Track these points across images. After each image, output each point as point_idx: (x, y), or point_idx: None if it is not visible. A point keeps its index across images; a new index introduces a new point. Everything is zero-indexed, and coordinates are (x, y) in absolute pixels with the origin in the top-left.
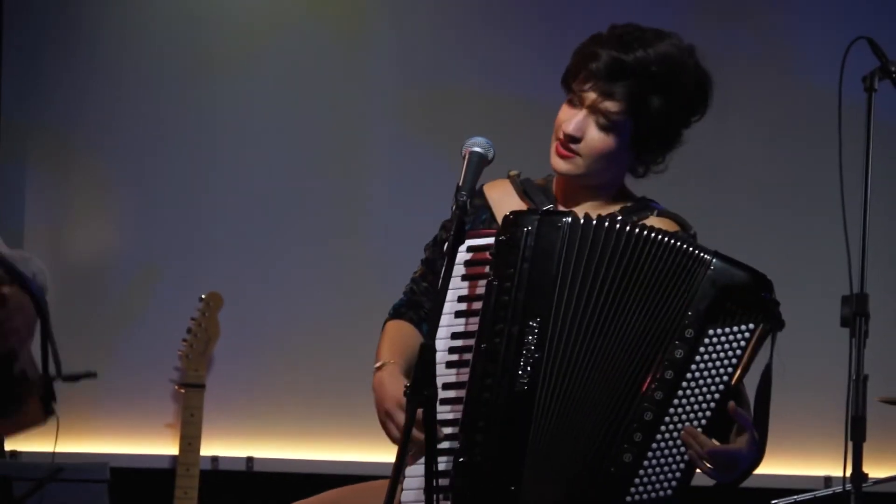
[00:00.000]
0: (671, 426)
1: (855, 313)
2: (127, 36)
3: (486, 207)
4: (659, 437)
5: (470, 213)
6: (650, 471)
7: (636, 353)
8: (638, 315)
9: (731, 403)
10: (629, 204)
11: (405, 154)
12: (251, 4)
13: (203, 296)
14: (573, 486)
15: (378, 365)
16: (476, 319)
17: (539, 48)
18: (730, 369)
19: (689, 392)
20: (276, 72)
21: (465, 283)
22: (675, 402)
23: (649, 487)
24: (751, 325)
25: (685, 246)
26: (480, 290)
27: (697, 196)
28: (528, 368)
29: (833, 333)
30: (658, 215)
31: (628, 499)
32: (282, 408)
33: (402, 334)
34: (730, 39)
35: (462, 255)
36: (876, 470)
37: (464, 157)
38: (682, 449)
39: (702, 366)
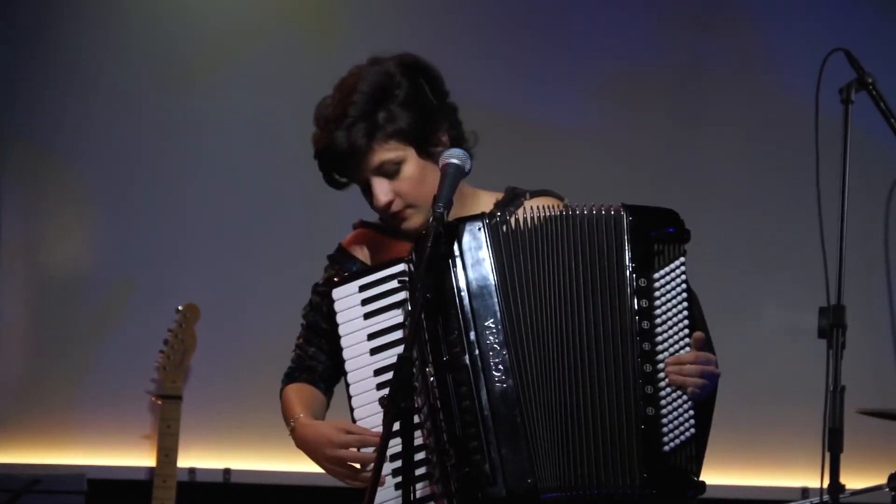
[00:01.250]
0: (665, 369)
1: (832, 324)
2: (103, 49)
3: (354, 260)
4: (661, 384)
5: (338, 270)
6: (670, 416)
7: (608, 318)
8: (589, 285)
9: (697, 333)
10: (499, 196)
11: None
12: (226, 17)
13: (180, 307)
14: (607, 459)
15: (291, 425)
16: (394, 350)
17: (513, 58)
18: (685, 302)
19: (665, 334)
20: (251, 82)
21: (369, 321)
22: (659, 347)
23: (676, 432)
24: (681, 259)
25: (596, 210)
26: (388, 322)
27: (675, 205)
28: (501, 367)
29: (810, 344)
30: (532, 196)
31: (666, 448)
32: (259, 419)
33: (302, 392)
34: (708, 49)
35: (356, 297)
36: (853, 481)
37: (441, 170)
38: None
39: (664, 307)
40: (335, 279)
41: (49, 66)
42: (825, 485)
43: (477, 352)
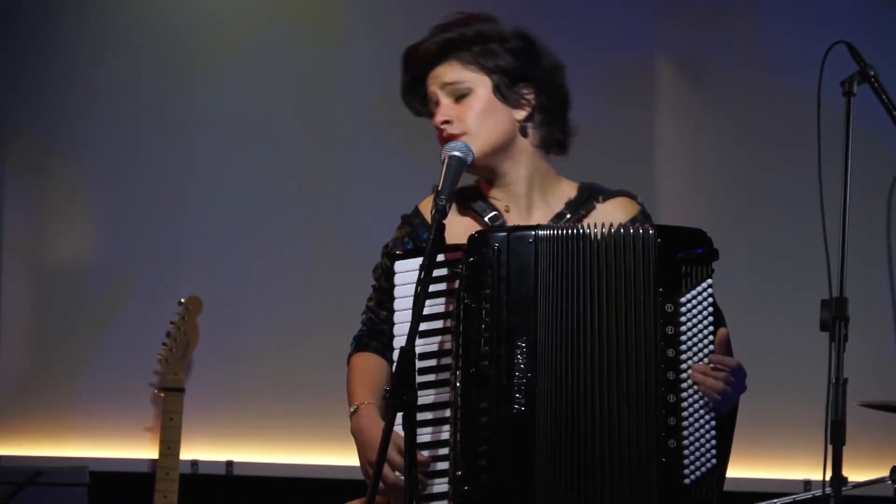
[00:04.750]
0: (689, 399)
1: (834, 317)
2: (105, 43)
3: (425, 223)
4: (685, 413)
5: (408, 232)
6: (692, 447)
7: (632, 346)
8: (618, 309)
9: (721, 331)
10: (572, 196)
11: (384, 157)
12: (229, 11)
13: (182, 300)
14: (623, 487)
15: (352, 409)
16: (438, 339)
17: None
18: (710, 327)
19: (690, 361)
20: (253, 76)
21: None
22: (683, 375)
23: (697, 463)
24: (708, 281)
25: (628, 230)
26: (438, 308)
27: (676, 199)
28: (523, 389)
29: (813, 337)
30: (605, 199)
31: (686, 482)
32: (261, 412)
33: (370, 369)
34: (709, 43)
35: (415, 274)
36: (855, 474)
37: (443, 162)
38: (707, 416)
39: (689, 333)
40: (398, 252)
41: (51, 60)
42: (827, 477)
43: (504, 369)
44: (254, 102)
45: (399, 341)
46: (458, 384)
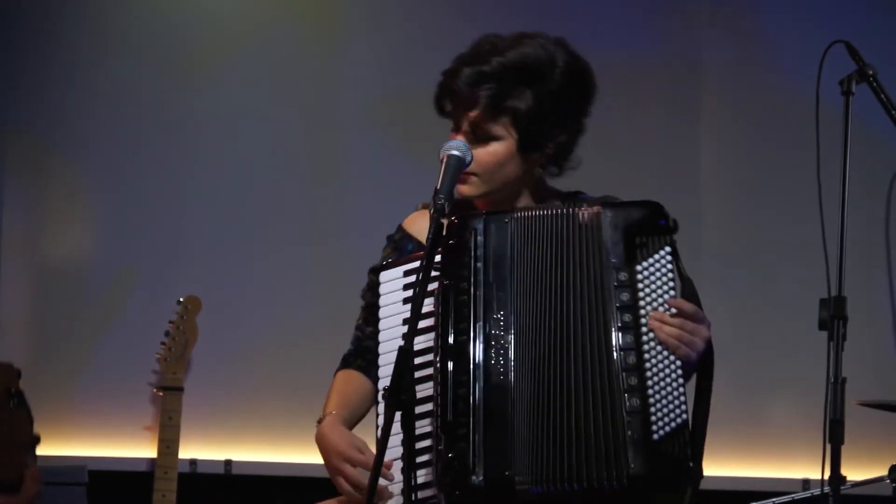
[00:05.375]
0: (653, 359)
1: (833, 316)
2: (104, 42)
3: (411, 239)
4: (648, 373)
5: (392, 250)
6: (659, 404)
7: (594, 315)
8: (579, 282)
9: (675, 301)
10: (556, 202)
11: (383, 157)
12: (229, 11)
13: (181, 299)
14: (595, 453)
15: (319, 418)
16: (424, 338)
17: None
18: (672, 291)
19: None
20: (253, 76)
21: (407, 306)
22: (644, 337)
23: (666, 419)
24: (666, 248)
25: (573, 209)
26: (425, 308)
27: (675, 198)
28: (502, 360)
29: (812, 336)
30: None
31: (655, 437)
32: (260, 411)
33: (348, 383)
34: (708, 43)
35: (401, 281)
36: (854, 473)
37: (441, 161)
38: (672, 372)
39: (648, 298)
40: (382, 262)
41: (51, 60)
42: (826, 476)
43: (482, 342)
44: (254, 102)
45: (385, 346)
46: (437, 362)
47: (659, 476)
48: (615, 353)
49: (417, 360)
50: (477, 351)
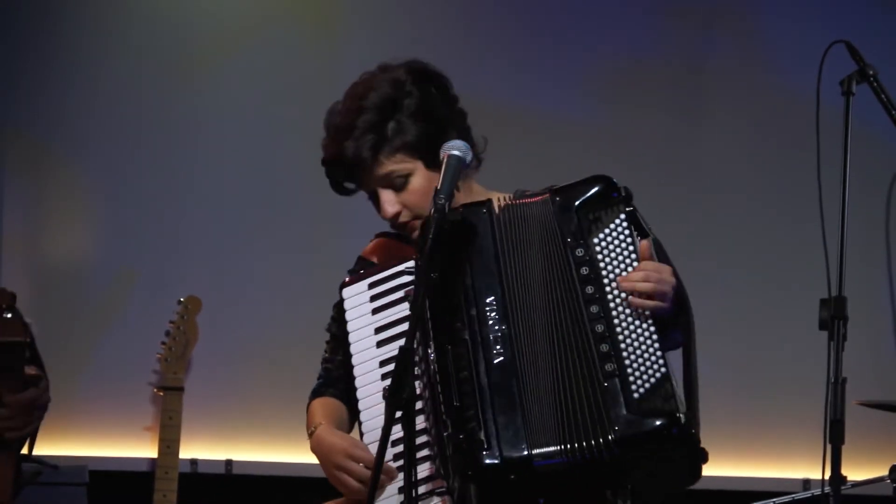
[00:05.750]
0: (622, 323)
1: (833, 316)
2: (104, 42)
3: (371, 264)
4: (620, 337)
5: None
6: (635, 364)
7: (561, 292)
8: (546, 265)
9: (642, 243)
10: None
11: None
12: (229, 11)
13: (182, 299)
14: (586, 421)
15: (310, 431)
16: (401, 342)
17: (512, 54)
18: (633, 254)
19: (614, 293)
20: (252, 75)
21: (377, 316)
22: (612, 305)
23: (645, 376)
24: (621, 216)
25: (526, 199)
26: (396, 315)
27: (675, 199)
28: (500, 341)
29: (812, 336)
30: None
31: (636, 395)
32: (261, 411)
33: (327, 406)
34: (708, 43)
35: (365, 294)
36: (854, 473)
37: (442, 161)
38: (644, 330)
39: (610, 266)
40: (345, 280)
41: (50, 60)
42: (826, 476)
43: (477, 327)
44: (254, 102)
45: (359, 357)
46: (430, 358)
47: (647, 431)
48: (585, 324)
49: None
50: (473, 335)
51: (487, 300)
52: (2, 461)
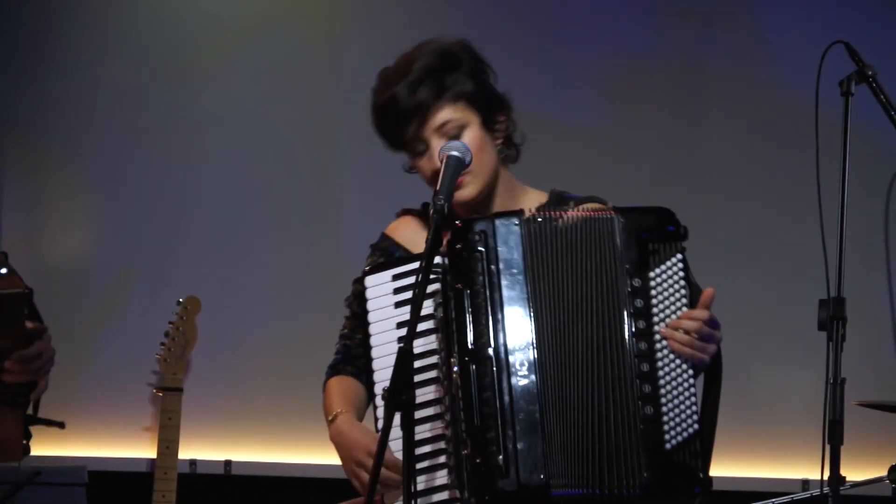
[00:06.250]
0: (666, 367)
1: (832, 317)
2: (104, 42)
3: (398, 246)
4: (661, 381)
5: (378, 257)
6: (672, 413)
7: (607, 320)
8: (593, 288)
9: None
10: (543, 202)
11: (382, 159)
12: (229, 11)
13: (181, 299)
14: (613, 458)
15: (331, 417)
16: (423, 341)
17: (512, 52)
18: (683, 299)
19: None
20: (251, 77)
21: (400, 310)
22: (657, 345)
23: (678, 429)
24: (678, 255)
25: (596, 214)
26: (423, 312)
27: (675, 198)
28: (525, 362)
29: (811, 337)
30: (577, 206)
31: (668, 446)
32: (260, 411)
33: (347, 387)
34: (707, 43)
35: (390, 285)
36: (853, 473)
37: (441, 161)
38: (685, 381)
39: (661, 305)
40: (367, 267)
41: (50, 59)
42: (825, 477)
43: (503, 345)
44: (253, 102)
45: (378, 351)
46: (454, 369)
47: (672, 484)
48: (630, 360)
49: (417, 364)
50: (500, 354)
51: (514, 319)
52: (10, 420)
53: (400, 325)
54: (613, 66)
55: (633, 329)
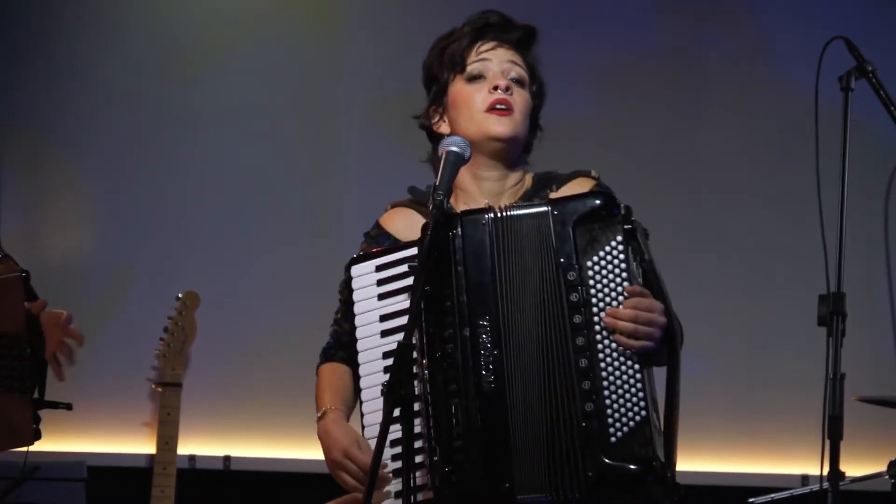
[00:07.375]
0: (607, 359)
1: (832, 312)
2: (103, 39)
3: (387, 236)
4: (603, 374)
5: (369, 245)
6: (616, 405)
7: (550, 319)
8: (538, 287)
9: (630, 287)
10: (528, 187)
11: (382, 155)
12: (228, 9)
13: (180, 295)
14: (562, 460)
15: (319, 414)
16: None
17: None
18: (625, 283)
19: (602, 324)
20: (251, 75)
21: (383, 302)
22: (598, 337)
23: (624, 419)
24: (618, 238)
25: (527, 210)
26: (402, 305)
27: (674, 195)
28: (491, 367)
29: (811, 332)
30: (559, 187)
31: (613, 440)
32: (259, 407)
33: (337, 378)
34: (707, 39)
35: (372, 276)
36: (853, 468)
37: (441, 157)
38: (628, 370)
39: (600, 294)
40: (354, 255)
41: (49, 56)
42: (825, 472)
43: (469, 349)
44: (253, 100)
45: (363, 343)
46: (425, 372)
47: (618, 477)
48: (571, 358)
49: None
50: (465, 358)
51: (481, 322)
52: (19, 406)
53: (383, 318)
54: (612, 63)
55: (571, 324)
